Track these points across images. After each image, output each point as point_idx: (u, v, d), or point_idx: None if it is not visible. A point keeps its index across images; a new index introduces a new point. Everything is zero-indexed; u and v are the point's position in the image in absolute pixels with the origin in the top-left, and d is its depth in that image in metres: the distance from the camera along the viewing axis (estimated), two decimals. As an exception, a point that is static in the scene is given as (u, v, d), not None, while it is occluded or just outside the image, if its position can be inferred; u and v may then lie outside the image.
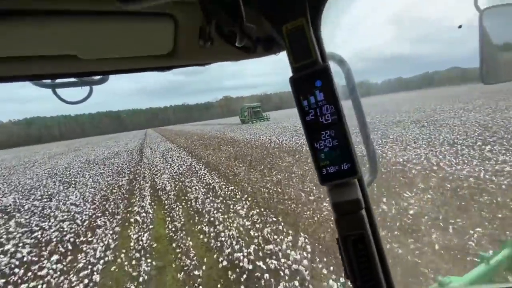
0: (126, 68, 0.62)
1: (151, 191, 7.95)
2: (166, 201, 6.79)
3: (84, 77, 0.67)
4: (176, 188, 7.79)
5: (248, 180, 7.52)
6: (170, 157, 14.25)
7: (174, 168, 10.87)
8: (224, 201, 6.13)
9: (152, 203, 6.83)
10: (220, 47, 0.56)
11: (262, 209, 5.32)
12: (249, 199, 6.02)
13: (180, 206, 6.27)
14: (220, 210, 5.62)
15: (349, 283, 0.49)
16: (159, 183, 8.70)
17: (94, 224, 5.79)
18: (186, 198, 6.79)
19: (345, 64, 0.69)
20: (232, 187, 7.09)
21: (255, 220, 4.88)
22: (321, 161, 0.49)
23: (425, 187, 5.03)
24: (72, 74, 0.62)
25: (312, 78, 0.48)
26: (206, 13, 0.48)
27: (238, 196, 6.32)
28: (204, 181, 8.15)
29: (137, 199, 7.39)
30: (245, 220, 4.94)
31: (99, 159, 17.89)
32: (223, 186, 7.27)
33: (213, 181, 8.00)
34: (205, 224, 5.04)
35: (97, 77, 0.70)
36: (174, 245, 4.44)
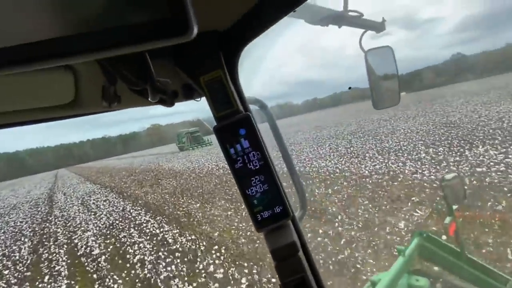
0: (24, 120, 0.56)
1: (70, 261, 5.58)
2: (95, 274, 4.70)
3: None
4: (109, 250, 5.66)
5: (210, 221, 6.02)
6: (94, 203, 11.33)
7: (102, 219, 8.36)
8: (186, 258, 4.51)
9: (73, 281, 4.64)
10: (129, 96, 0.52)
11: (246, 263, 3.97)
12: (222, 250, 4.57)
13: (119, 278, 4.34)
14: (184, 274, 4.01)
15: None
16: (81, 246, 6.31)
17: None
18: (126, 262, 4.85)
19: (266, 109, 0.72)
20: (191, 235, 5.47)
21: (243, 283, 3.50)
22: (255, 207, 0.49)
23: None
24: None
25: (236, 127, 0.50)
26: (108, 75, 0.46)
27: (203, 248, 4.78)
28: (148, 231, 6.24)
29: (46, 279, 4.99)
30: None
31: (-16, 220, 13.16)
32: (177, 235, 5.58)
33: (161, 230, 6.17)
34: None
35: None
36: None
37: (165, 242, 5.35)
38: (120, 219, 7.87)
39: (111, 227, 7.30)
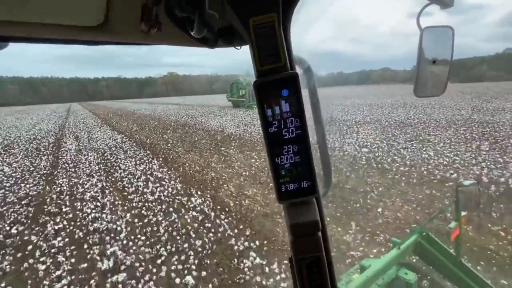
0: (48, 36, 0.49)
1: None
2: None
3: None
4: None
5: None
6: (125, 166, 6.88)
7: (150, 196, 3.80)
8: None
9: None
10: (168, 30, 0.47)
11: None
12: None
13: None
14: None
15: None
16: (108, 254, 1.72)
17: None
18: None
19: (311, 73, 0.64)
20: None
21: None
22: (281, 177, 0.45)
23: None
24: None
25: (279, 86, 0.42)
26: None
27: None
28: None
29: None
30: None
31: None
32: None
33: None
34: None
35: None
36: None
37: None
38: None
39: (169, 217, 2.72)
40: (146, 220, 4.32)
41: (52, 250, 3.64)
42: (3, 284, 3.08)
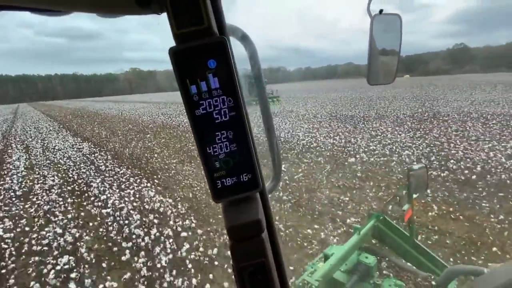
0: None
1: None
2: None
3: None
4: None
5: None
6: (105, 196, 4.71)
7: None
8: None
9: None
10: None
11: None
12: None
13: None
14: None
15: None
16: None
17: None
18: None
19: (249, 43, 0.52)
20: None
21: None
22: (215, 171, 0.38)
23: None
24: None
25: (204, 55, 0.34)
26: None
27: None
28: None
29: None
30: None
31: None
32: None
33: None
34: None
35: None
36: None
37: None
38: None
39: None
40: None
41: None
42: None
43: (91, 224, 4.11)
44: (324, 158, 6.49)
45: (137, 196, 5.04)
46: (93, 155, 8.29)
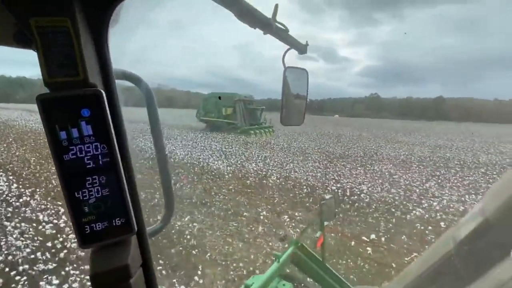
0: None
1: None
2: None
3: None
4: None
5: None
6: None
7: None
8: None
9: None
10: None
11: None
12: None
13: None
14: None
15: None
16: None
17: None
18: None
19: (144, 85, 0.55)
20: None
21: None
22: (84, 215, 0.36)
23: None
24: None
25: (77, 104, 0.35)
26: None
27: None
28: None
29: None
30: None
31: None
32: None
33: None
34: None
35: None
36: None
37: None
38: None
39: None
40: None
41: None
42: None
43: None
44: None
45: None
46: (25, 207, 6.63)
